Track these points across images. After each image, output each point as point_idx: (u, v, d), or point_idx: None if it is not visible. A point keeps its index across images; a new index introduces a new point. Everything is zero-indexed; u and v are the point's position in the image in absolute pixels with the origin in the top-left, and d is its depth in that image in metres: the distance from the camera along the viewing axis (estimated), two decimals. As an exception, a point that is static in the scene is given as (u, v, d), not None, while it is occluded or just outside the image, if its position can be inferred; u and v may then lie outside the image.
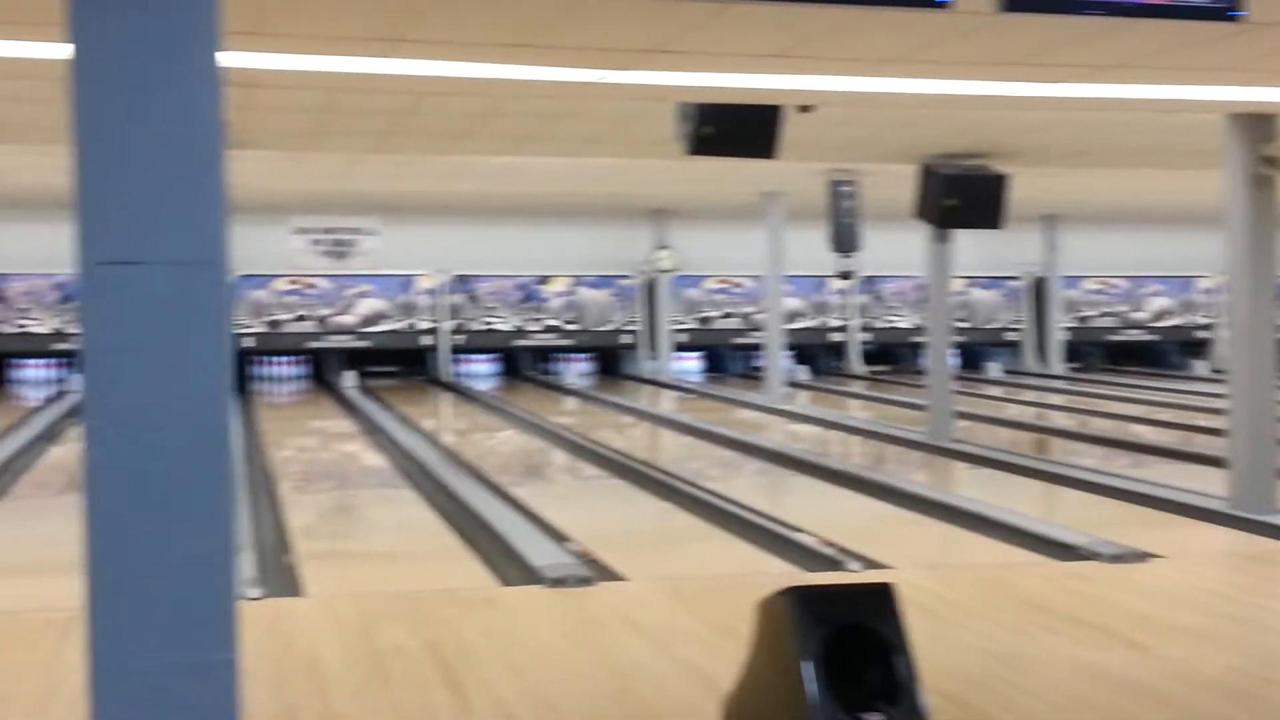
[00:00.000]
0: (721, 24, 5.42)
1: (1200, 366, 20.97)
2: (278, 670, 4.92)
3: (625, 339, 21.11)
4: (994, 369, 21.24)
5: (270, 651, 5.17)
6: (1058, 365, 21.67)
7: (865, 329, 21.84)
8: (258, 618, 5.75)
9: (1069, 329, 22.06)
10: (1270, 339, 8.55)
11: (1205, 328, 21.94)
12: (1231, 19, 4.35)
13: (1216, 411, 12.33)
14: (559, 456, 12.39)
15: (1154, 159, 11.48)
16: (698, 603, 6.04)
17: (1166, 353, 22.32)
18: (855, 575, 6.59)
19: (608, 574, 6.78)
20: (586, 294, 20.99)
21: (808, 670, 3.71)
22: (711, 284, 21.31)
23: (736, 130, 7.92)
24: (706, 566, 7.28)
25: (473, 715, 4.46)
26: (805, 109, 8.03)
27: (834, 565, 7.02)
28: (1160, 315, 22.38)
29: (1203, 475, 9.49)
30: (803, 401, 17.36)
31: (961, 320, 21.54)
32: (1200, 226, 18.34)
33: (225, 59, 2.85)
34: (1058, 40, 5.91)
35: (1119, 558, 7.04)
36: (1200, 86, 7.18)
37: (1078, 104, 7.71)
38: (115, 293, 2.62)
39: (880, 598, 3.99)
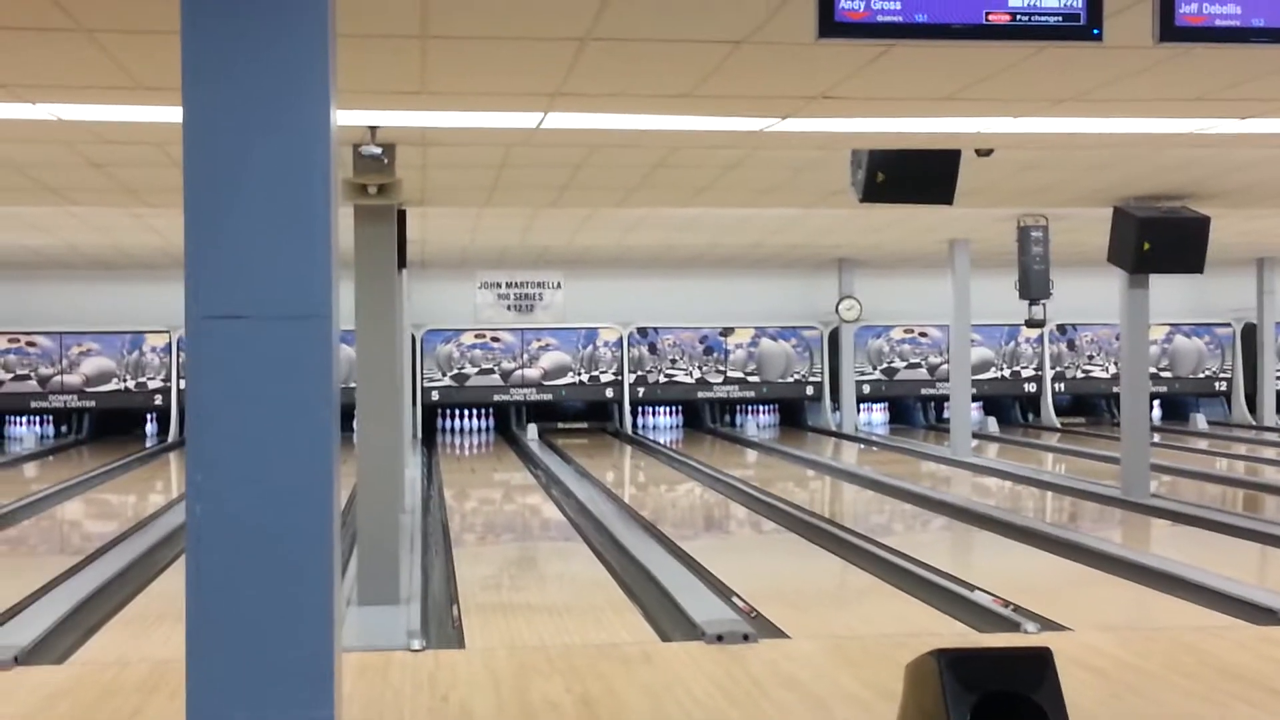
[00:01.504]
0: (883, 68, 5.30)
1: None
2: (428, 722, 4.90)
3: (808, 390, 20.85)
4: (1200, 421, 20.24)
5: (424, 703, 5.16)
6: (1271, 416, 20.51)
7: (1058, 379, 21.10)
8: (416, 669, 5.77)
9: (1281, 377, 20.93)
10: None
11: None
12: None
13: None
14: (736, 510, 12.23)
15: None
16: (860, 663, 5.82)
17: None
18: (1020, 638, 6.26)
19: (773, 631, 6.61)
20: (769, 345, 20.83)
21: (957, 738, 3.50)
22: (897, 334, 20.92)
23: (909, 176, 7.77)
24: (876, 625, 7.03)
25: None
26: (983, 153, 7.81)
27: (1010, 626, 6.69)
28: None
29: None
30: (990, 455, 16.80)
31: (1163, 369, 20.65)
32: None
33: (342, 115, 2.85)
34: (1241, 74, 5.60)
35: (1324, 623, 6.54)
36: None
37: (1273, 140, 7.31)
38: (221, 346, 2.63)
39: (1037, 664, 3.75)
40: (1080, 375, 21.12)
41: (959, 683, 3.63)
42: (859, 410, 20.68)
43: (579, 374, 20.32)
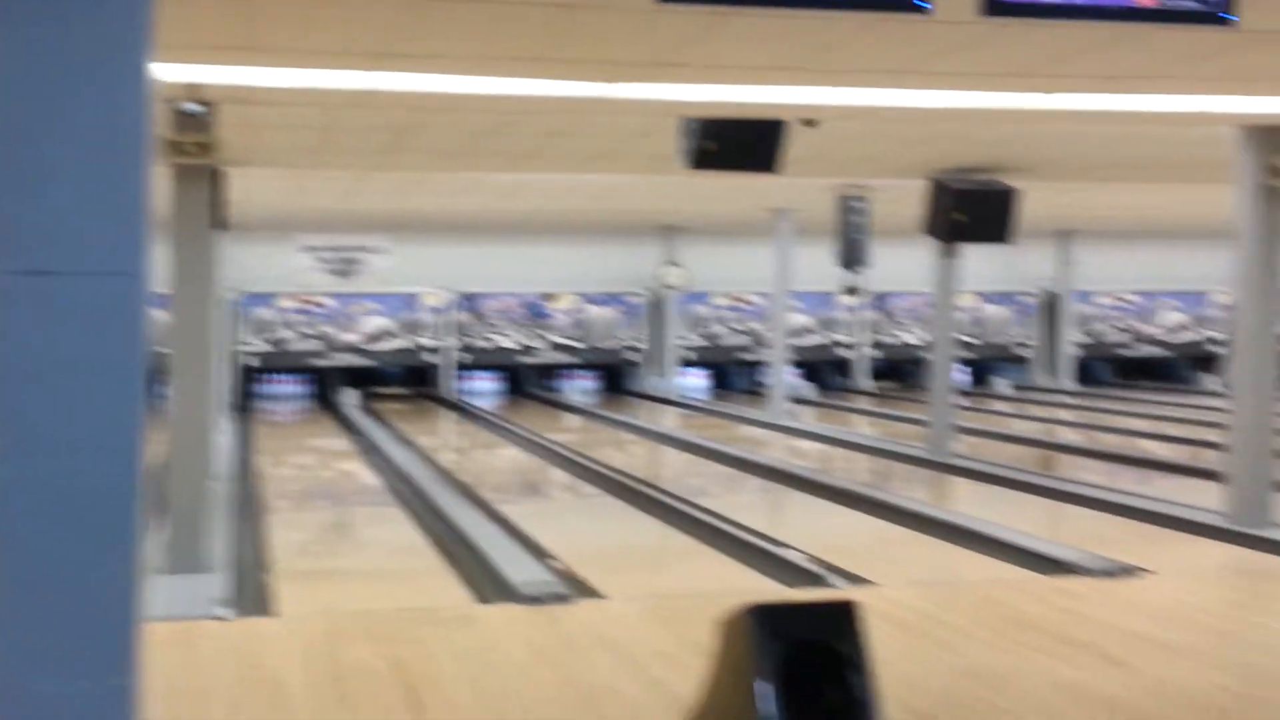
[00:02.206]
0: (721, 36, 5.36)
1: (1212, 381, 20.77)
2: (238, 690, 4.85)
3: (631, 356, 21.05)
4: (1003, 385, 21.09)
5: (232, 671, 5.10)
6: (1068, 381, 21.51)
7: (875, 345, 21.71)
8: (224, 638, 5.70)
9: (1080, 344, 21.91)
10: (1273, 352, 8.44)
11: (1218, 343, 21.75)
12: (1223, 22, 4.27)
13: (1224, 426, 12.17)
14: (557, 474, 12.31)
15: (1167, 173, 11.38)
16: (675, 622, 5.94)
17: (1179, 368, 22.14)
18: (829, 593, 6.48)
19: (591, 593, 6.70)
20: (593, 311, 20.93)
21: (764, 688, 3.62)
22: (719, 301, 21.24)
23: (739, 145, 7.87)
24: (693, 585, 7.18)
25: (430, 736, 4.38)
26: (809, 123, 7.97)
27: (821, 583, 6.92)
28: (1173, 330, 22.21)
29: (1206, 490, 9.34)
30: (807, 418, 17.24)
31: (972, 336, 21.41)
32: (1215, 240, 18.17)
33: (158, 70, 2.79)
34: (1062, 51, 5.82)
35: (1111, 574, 6.93)
36: (1210, 97, 7.08)
37: (1086, 117, 7.63)
38: (27, 303, 2.56)
39: (843, 614, 3.88)
40: (894, 341, 21.77)
41: (767, 634, 3.74)
42: (681, 375, 20.96)
43: (401, 339, 20.11)
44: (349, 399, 18.72)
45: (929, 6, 3.78)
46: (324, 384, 19.75)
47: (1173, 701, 4.87)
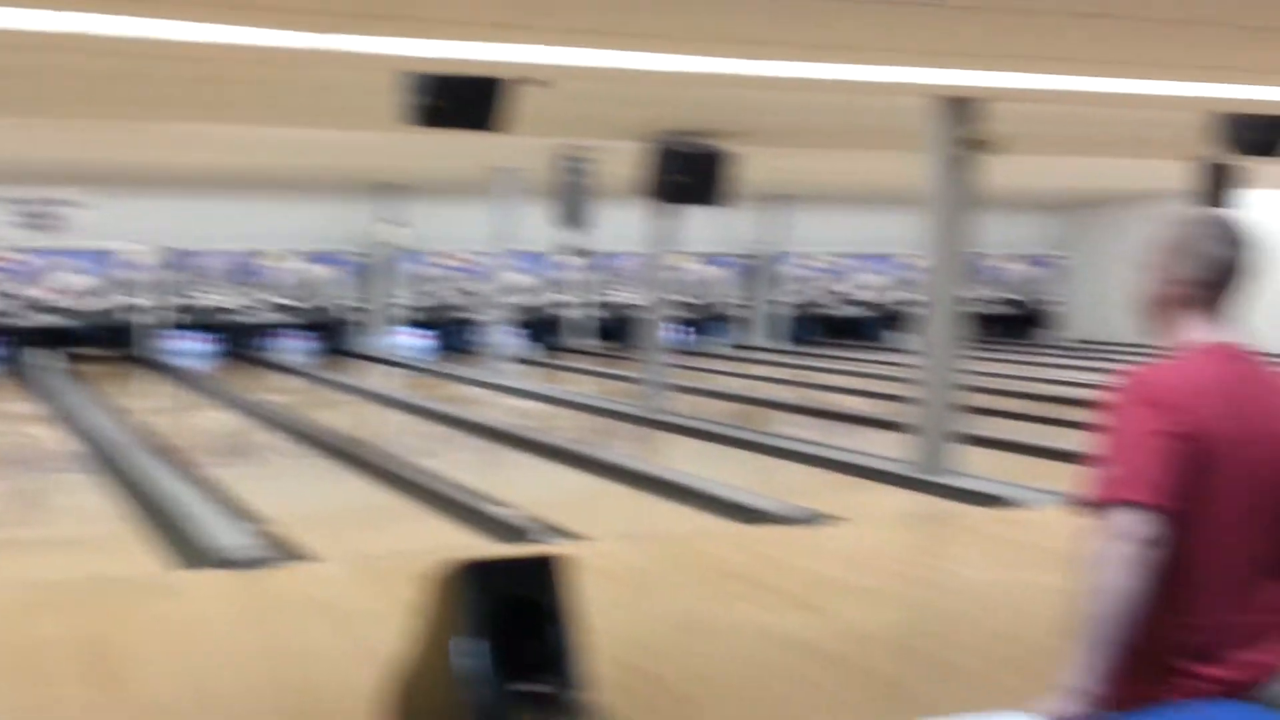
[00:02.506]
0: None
1: (905, 340, 21.94)
2: (-87, 668, 4.58)
3: (351, 316, 20.67)
4: (717, 344, 21.74)
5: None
6: (777, 339, 22.33)
7: (597, 305, 21.98)
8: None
9: (788, 304, 22.75)
10: (959, 311, 8.99)
11: (910, 303, 22.96)
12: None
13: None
14: (268, 437, 12.00)
15: (869, 140, 11.92)
16: (386, 581, 5.92)
17: (876, 327, 23.32)
18: (541, 548, 6.58)
19: (299, 555, 6.58)
20: (311, 270, 20.43)
21: (469, 643, 3.67)
22: (441, 260, 21.06)
23: (461, 103, 7.81)
24: (406, 545, 7.13)
25: (124, 709, 4.24)
26: (542, 84, 7.97)
27: (533, 539, 7.01)
28: (871, 291, 23.35)
29: (896, 441, 9.90)
30: (527, 378, 17.35)
31: (691, 297, 21.94)
32: (906, 205, 19.13)
33: None
34: (774, 19, 6.01)
35: (805, 521, 7.29)
36: (905, 69, 7.45)
37: (795, 84, 7.89)
38: None
39: (550, 569, 3.97)
40: (615, 301, 22.08)
41: (474, 590, 3.79)
42: (401, 336, 20.72)
43: (102, 298, 19.13)
44: (45, 361, 17.70)
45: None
46: (17, 345, 18.60)
47: (861, 642, 5.18)
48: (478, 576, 3.86)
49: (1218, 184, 13.19)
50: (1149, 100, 8.59)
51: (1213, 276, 2.29)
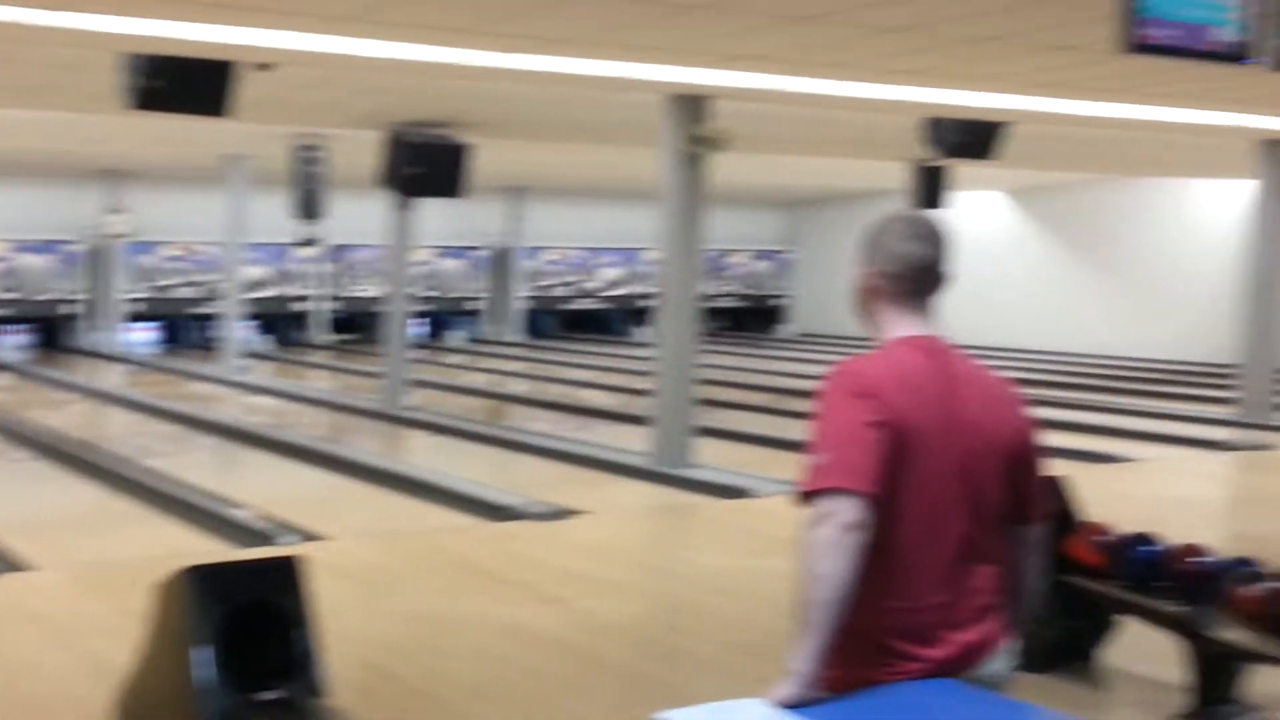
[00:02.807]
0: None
1: (645, 333, 22.32)
2: None
3: (69, 309, 19.62)
4: (457, 338, 21.61)
5: None
6: (517, 333, 22.36)
7: (333, 299, 21.52)
8: None
9: (529, 298, 22.81)
10: (693, 306, 9.21)
11: (649, 297, 23.38)
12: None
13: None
14: (-20, 438, 11.30)
15: (605, 135, 12.06)
16: (112, 590, 5.68)
17: (616, 320, 23.63)
18: (278, 550, 6.43)
19: (18, 565, 6.25)
20: (25, 259, 19.28)
21: (201, 652, 3.56)
22: (169, 251, 20.21)
23: (187, 86, 7.52)
24: (134, 551, 6.86)
25: None
26: (264, 67, 7.74)
27: (270, 540, 6.84)
28: (611, 285, 23.66)
29: (637, 435, 10.08)
30: (262, 373, 16.87)
31: (429, 290, 21.72)
32: (647, 200, 19.49)
33: None
34: (509, 11, 6.02)
35: (549, 516, 7.36)
36: (640, 65, 7.58)
37: (530, 77, 7.93)
38: None
39: (286, 572, 3.88)
40: (353, 295, 21.68)
41: (206, 596, 3.67)
42: (126, 330, 19.80)
43: None
44: None
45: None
46: None
47: (603, 633, 5.27)
48: (209, 581, 3.75)
49: (932, 185, 13.96)
50: (867, 103, 9.02)
51: (908, 272, 2.41)
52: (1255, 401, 11.77)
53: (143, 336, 20.16)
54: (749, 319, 24.53)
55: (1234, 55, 4.44)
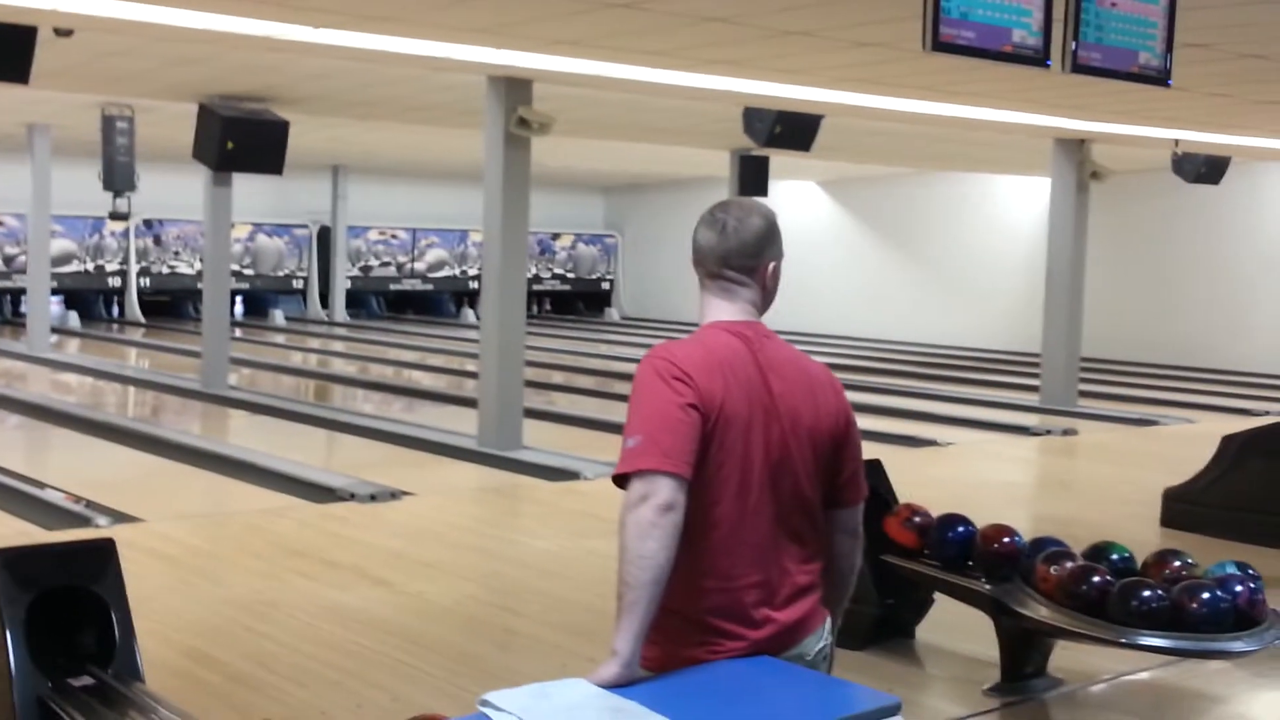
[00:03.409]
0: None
1: (471, 315, 22.21)
2: None
3: None
4: (278, 316, 21.15)
5: None
6: (340, 313, 22.00)
7: (145, 275, 20.83)
8: None
9: (352, 278, 22.44)
10: (521, 288, 9.20)
11: (475, 278, 23.26)
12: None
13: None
14: None
15: (427, 116, 11.93)
16: (-89, 574, 5.43)
17: (442, 302, 23.44)
18: (90, 532, 6.23)
19: None
20: None
21: (9, 637, 3.44)
22: (-31, 222, 19.30)
23: (-12, 51, 7.21)
24: (-66, 534, 6.57)
25: None
26: (62, 33, 7.44)
27: (83, 522, 6.62)
28: (436, 266, 23.44)
29: (464, 416, 10.04)
30: (72, 350, 16.26)
31: (245, 267, 21.21)
32: (473, 182, 19.32)
33: None
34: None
35: (375, 497, 7.28)
36: (458, 45, 7.52)
37: (347, 53, 7.80)
38: None
39: (98, 555, 3.76)
40: (166, 271, 21.02)
41: (15, 581, 3.53)
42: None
43: None
44: None
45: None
46: None
47: (431, 615, 5.25)
48: (19, 565, 3.62)
49: (754, 173, 14.21)
50: (686, 91, 9.14)
51: (713, 258, 2.44)
52: (1059, 388, 12.31)
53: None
54: (574, 302, 24.61)
55: (1031, 58, 4.64)
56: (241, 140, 10.85)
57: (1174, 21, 5.01)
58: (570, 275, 24.69)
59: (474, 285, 22.53)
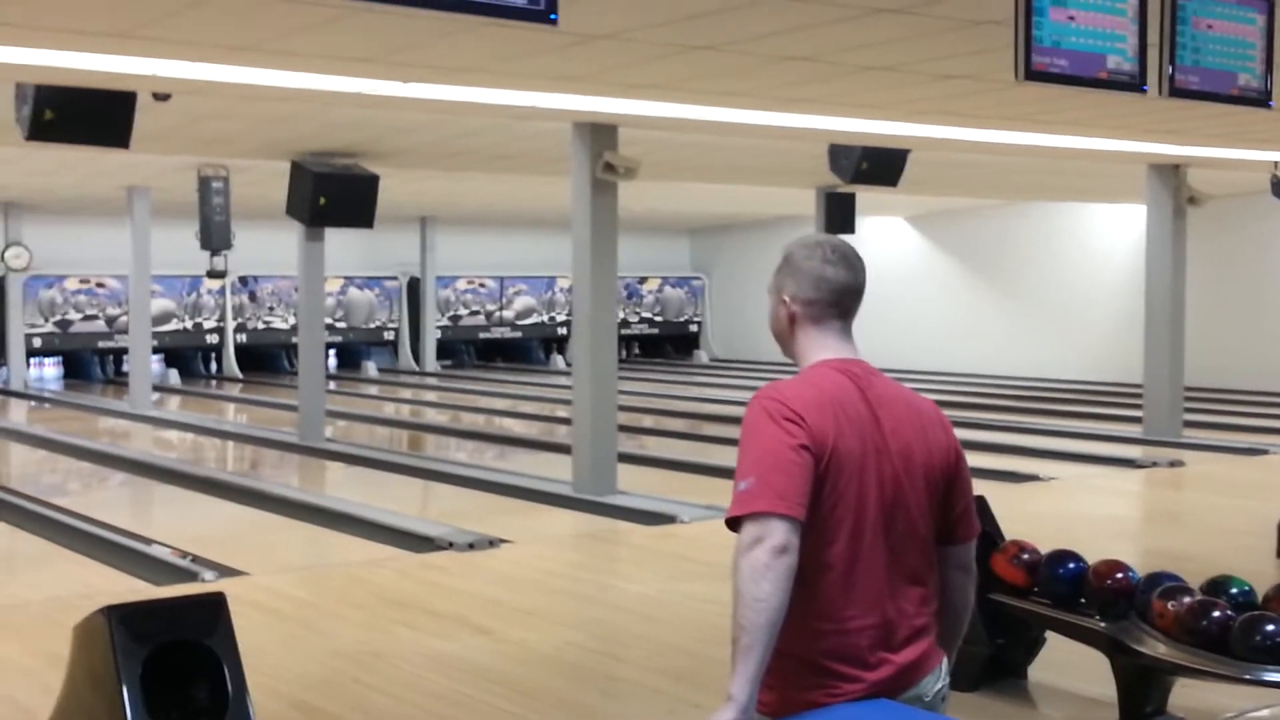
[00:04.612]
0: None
1: (560, 361, 22.31)
2: None
3: (-31, 346, 19.14)
4: (371, 368, 21.42)
5: None
6: (431, 363, 22.20)
7: (241, 330, 21.24)
8: None
9: (442, 327, 22.66)
10: (611, 333, 9.23)
11: (564, 324, 23.38)
12: (551, 22, 4.60)
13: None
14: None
15: (514, 164, 12.06)
16: (27, 632, 5.55)
17: (531, 349, 23.58)
18: (197, 587, 6.31)
19: (-75, 609, 6.07)
20: (-78, 296, 18.81)
21: (126, 693, 3.48)
22: (72, 284, 19.80)
23: (82, 115, 7.40)
24: (47, 591, 6.69)
25: None
26: (160, 97, 7.64)
27: (189, 577, 6.72)
28: (524, 313, 23.59)
29: (557, 462, 10.05)
30: (172, 407, 16.60)
31: (338, 320, 21.53)
32: (559, 229, 19.50)
33: None
34: (404, 40, 6.02)
35: (473, 546, 7.31)
36: (543, 94, 7.60)
37: (432, 105, 7.92)
38: None
39: (210, 610, 3.80)
40: (261, 326, 21.41)
41: (129, 637, 3.59)
42: (30, 365, 19.35)
43: None
44: None
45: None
46: None
47: (533, 663, 5.24)
48: (130, 621, 3.66)
49: (840, 210, 14.16)
50: (769, 130, 9.13)
51: (829, 296, 2.43)
52: (1162, 419, 12.05)
53: (47, 372, 19.75)
54: (663, 345, 24.62)
55: (1127, 83, 4.57)
56: (333, 196, 11.07)
57: (1273, 41, 4.91)
58: (658, 319, 24.71)
59: (562, 331, 22.64)
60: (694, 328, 25.04)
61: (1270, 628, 3.70)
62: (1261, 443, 11.75)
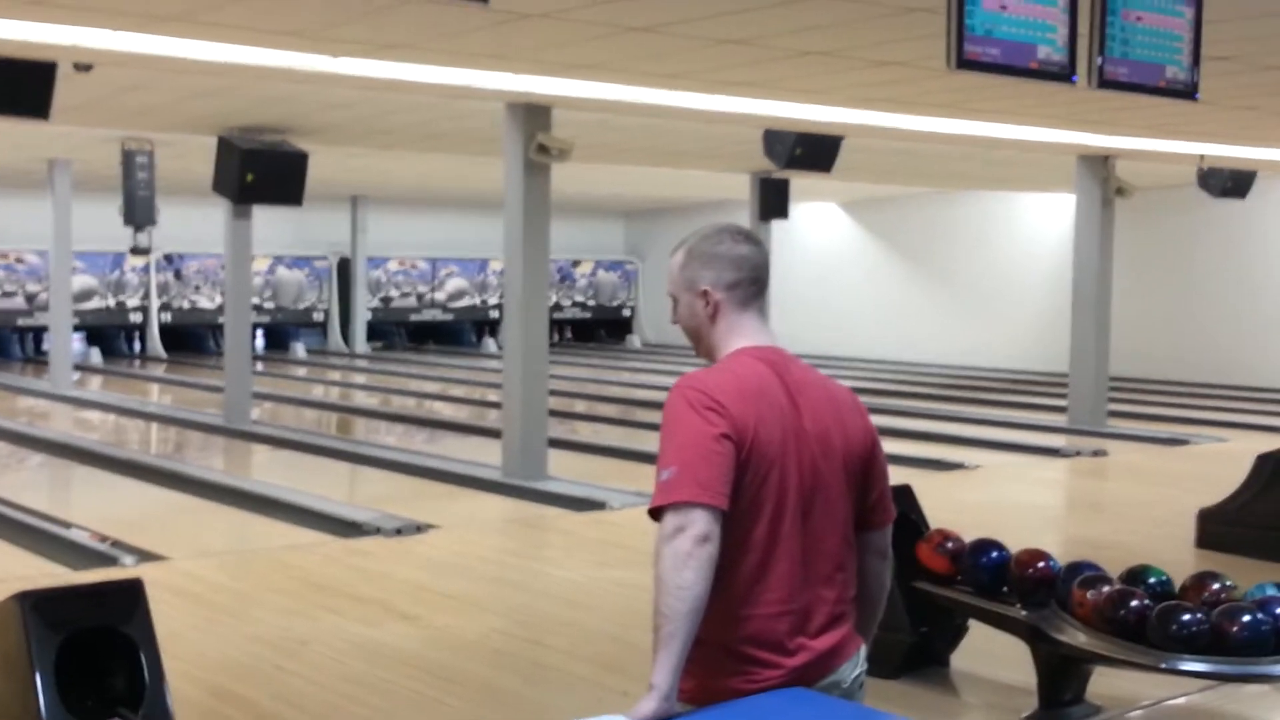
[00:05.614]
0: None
1: (492, 345, 22.18)
2: None
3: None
4: (299, 349, 21.16)
5: None
6: (361, 345, 21.99)
7: (166, 309, 20.89)
8: None
9: (373, 309, 22.44)
10: (543, 316, 9.17)
11: (496, 308, 23.25)
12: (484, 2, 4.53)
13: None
14: None
15: (446, 144, 11.94)
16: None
17: (463, 331, 23.42)
18: (117, 572, 6.18)
19: None
20: None
21: (39, 680, 3.40)
22: (-9, 261, 19.40)
23: (7, 87, 7.23)
24: (-41, 575, 6.55)
25: None
26: (82, 68, 7.47)
27: (108, 561, 6.59)
28: (456, 296, 23.43)
29: (487, 447, 9.99)
30: (94, 388, 16.31)
31: (266, 300, 21.24)
32: (493, 211, 19.34)
33: None
34: (335, 15, 5.93)
35: (400, 531, 7.24)
36: (474, 71, 7.52)
37: (365, 82, 7.80)
38: None
39: (127, 595, 3.73)
40: (187, 305, 21.08)
41: (43, 624, 3.51)
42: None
43: None
44: None
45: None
46: None
47: (458, 649, 5.20)
48: (44, 607, 3.58)
49: (774, 196, 14.19)
50: (705, 114, 9.12)
51: (747, 274, 2.43)
52: (1087, 409, 12.21)
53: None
54: (595, 330, 24.57)
55: (1057, 74, 4.60)
56: (261, 172, 10.86)
57: (1200, 34, 4.96)
58: (591, 303, 24.64)
59: (494, 314, 22.51)
60: (627, 312, 25.00)
61: (1186, 617, 3.75)
62: (1184, 433, 11.95)
